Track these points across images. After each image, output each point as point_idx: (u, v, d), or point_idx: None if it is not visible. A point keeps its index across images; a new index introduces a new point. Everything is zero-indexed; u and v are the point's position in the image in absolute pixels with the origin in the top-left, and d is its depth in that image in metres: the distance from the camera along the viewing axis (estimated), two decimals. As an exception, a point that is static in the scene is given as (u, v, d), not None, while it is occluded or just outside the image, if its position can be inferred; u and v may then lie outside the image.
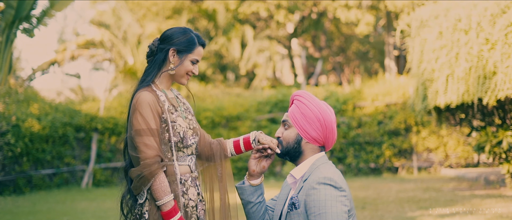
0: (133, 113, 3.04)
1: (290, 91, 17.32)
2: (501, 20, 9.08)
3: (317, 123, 3.11)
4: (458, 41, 9.84)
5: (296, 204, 3.03)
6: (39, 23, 13.61)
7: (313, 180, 2.99)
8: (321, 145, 3.18)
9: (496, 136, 10.21)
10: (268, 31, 26.32)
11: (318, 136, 3.13)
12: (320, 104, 3.15)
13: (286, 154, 3.19)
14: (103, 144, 14.62)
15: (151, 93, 3.08)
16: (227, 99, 17.32)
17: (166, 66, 3.18)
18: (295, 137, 3.14)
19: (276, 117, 15.98)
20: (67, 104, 15.28)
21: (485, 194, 10.15)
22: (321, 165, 3.09)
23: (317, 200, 2.93)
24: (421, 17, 11.10)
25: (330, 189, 2.93)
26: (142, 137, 2.99)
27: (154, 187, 2.99)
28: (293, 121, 3.16)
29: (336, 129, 3.20)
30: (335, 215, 2.89)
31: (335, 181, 2.96)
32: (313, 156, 3.15)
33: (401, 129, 15.31)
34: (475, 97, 9.49)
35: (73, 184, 14.14)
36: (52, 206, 10.72)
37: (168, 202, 3.01)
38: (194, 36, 3.19)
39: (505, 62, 8.91)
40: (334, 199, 2.91)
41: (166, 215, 3.01)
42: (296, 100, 3.19)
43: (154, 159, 2.98)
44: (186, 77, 3.20)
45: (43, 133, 13.47)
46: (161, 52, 3.16)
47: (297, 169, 3.16)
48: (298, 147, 3.14)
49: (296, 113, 3.15)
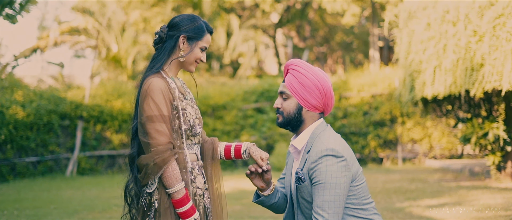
0: (144, 98, 2.99)
1: (276, 81, 17.32)
2: (489, 12, 9.12)
3: (316, 91, 3.12)
4: (446, 32, 9.88)
5: (301, 178, 3.08)
6: (22, 10, 13.45)
7: (315, 153, 3.03)
8: (321, 111, 3.20)
9: (482, 127, 10.30)
10: (253, 21, 26.25)
11: (318, 103, 3.15)
12: (316, 72, 3.15)
13: (287, 124, 3.20)
14: (88, 132, 14.51)
15: (162, 79, 3.04)
16: (212, 88, 17.26)
17: (176, 54, 3.15)
18: (295, 107, 3.15)
19: (262, 107, 15.97)
20: (52, 91, 15.12)
21: (471, 186, 10.23)
22: (321, 133, 3.12)
23: (319, 170, 2.99)
24: (409, 8, 11.12)
25: (331, 160, 2.98)
26: (154, 123, 2.95)
27: (166, 174, 2.95)
28: (291, 91, 3.15)
29: (333, 93, 3.22)
30: (334, 185, 2.97)
31: (336, 150, 3.00)
32: (313, 123, 3.18)
33: (387, 120, 15.38)
34: (462, 89, 9.54)
35: (57, 172, 14.03)
36: (37, 194, 10.63)
37: (180, 190, 2.98)
38: (202, 23, 3.17)
39: (493, 55, 8.96)
40: (334, 170, 2.98)
41: (178, 203, 2.98)
42: (292, 70, 3.18)
43: (166, 146, 2.94)
44: (194, 64, 3.18)
45: (28, 120, 13.35)
46: (171, 39, 3.13)
47: (298, 139, 3.18)
48: (299, 116, 3.16)
49: (294, 83, 3.15)
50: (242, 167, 15.34)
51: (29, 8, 13.64)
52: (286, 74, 3.23)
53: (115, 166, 14.85)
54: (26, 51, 21.05)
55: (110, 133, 14.75)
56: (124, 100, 14.91)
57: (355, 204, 3.08)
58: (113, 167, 14.85)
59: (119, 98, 15.02)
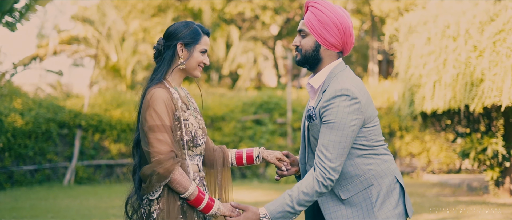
0: (146, 109, 3.00)
1: (275, 93, 17.33)
2: (490, 27, 9.15)
3: (335, 28, 3.06)
4: (446, 47, 9.90)
5: (312, 115, 3.03)
6: (22, 18, 13.45)
7: (330, 92, 2.98)
8: (340, 50, 3.14)
9: (481, 142, 10.30)
10: (253, 32, 26.30)
11: (336, 41, 3.08)
12: (336, 9, 3.08)
13: (305, 62, 3.14)
14: (86, 141, 14.48)
15: (165, 90, 3.05)
16: (211, 99, 17.25)
17: (176, 62, 3.15)
18: (313, 45, 3.10)
19: (261, 118, 15.97)
20: (51, 100, 15.10)
21: (469, 201, 10.23)
22: (339, 73, 3.07)
23: (330, 110, 2.94)
24: (409, 23, 11.16)
25: (344, 100, 2.93)
26: (156, 133, 2.95)
27: (175, 181, 2.95)
28: (310, 28, 3.10)
29: (353, 32, 3.16)
30: (342, 126, 2.93)
31: (351, 91, 2.94)
32: (331, 63, 3.12)
33: (385, 133, 15.38)
34: (462, 104, 9.56)
35: (55, 180, 13.99)
36: (34, 203, 10.60)
37: (194, 190, 2.99)
38: (197, 27, 3.17)
39: (493, 70, 8.98)
40: (345, 111, 2.93)
41: (196, 202, 3.00)
42: (311, 7, 3.12)
43: (168, 154, 2.94)
44: (198, 69, 3.17)
45: (26, 128, 13.32)
46: (169, 49, 3.13)
47: (315, 78, 3.13)
48: (317, 54, 3.11)
49: (313, 20, 3.09)
50: (240, 178, 15.32)
51: (29, 16, 13.68)
52: (306, 12, 3.18)
53: (113, 176, 14.81)
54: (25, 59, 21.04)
55: (108, 142, 14.72)
56: (123, 110, 14.89)
57: (365, 145, 3.02)
58: (111, 176, 14.81)
59: (118, 108, 15.00)
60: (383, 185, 3.03)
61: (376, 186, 3.03)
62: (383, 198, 3.03)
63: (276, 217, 3.00)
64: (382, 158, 3.07)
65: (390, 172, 3.07)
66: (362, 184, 3.04)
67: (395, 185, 3.06)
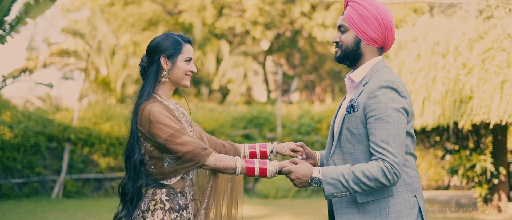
0: (150, 126, 2.99)
1: (265, 108, 17.34)
2: (479, 45, 9.23)
3: (375, 23, 3.02)
4: (435, 64, 9.97)
5: (355, 106, 2.94)
6: (12, 30, 13.41)
7: (375, 83, 2.92)
8: (380, 46, 3.09)
9: (470, 159, 10.35)
10: (243, 47, 26.35)
11: (377, 36, 3.04)
12: (376, 3, 3.04)
13: (345, 58, 3.10)
14: (75, 155, 14.40)
15: (159, 103, 3.06)
16: (201, 113, 17.23)
17: (161, 75, 3.16)
18: (353, 40, 3.06)
19: (251, 133, 15.96)
20: (40, 113, 15.03)
21: (457, 217, 10.25)
22: (382, 69, 3.02)
23: (379, 103, 2.86)
24: (399, 39, 11.23)
25: (393, 93, 2.86)
26: (175, 140, 2.95)
27: (220, 165, 2.96)
28: (350, 23, 3.06)
29: (394, 27, 3.10)
30: (396, 118, 2.85)
31: (398, 85, 2.89)
32: (373, 59, 3.07)
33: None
34: (450, 121, 9.61)
35: (43, 194, 13.89)
36: (22, 216, 10.52)
37: (242, 163, 2.98)
38: (177, 37, 3.18)
39: (482, 87, 9.05)
40: (396, 105, 2.85)
41: (250, 171, 2.99)
42: (351, 2, 3.09)
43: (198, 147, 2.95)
44: (186, 78, 3.18)
45: (15, 141, 13.25)
46: (153, 64, 3.14)
47: (356, 72, 3.08)
48: (357, 49, 3.06)
49: (353, 15, 3.05)
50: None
51: (19, 29, 13.65)
52: (345, 8, 3.14)
53: (101, 190, 14.73)
54: (15, 72, 20.95)
55: (97, 156, 14.65)
56: (113, 123, 14.84)
57: None
58: (100, 190, 14.73)
59: (107, 122, 14.96)
60: (402, 200, 2.95)
61: (396, 198, 2.95)
62: (397, 214, 2.94)
63: (328, 182, 2.89)
64: (410, 173, 2.99)
65: (412, 189, 2.99)
66: (382, 192, 2.95)
67: (414, 204, 2.97)
